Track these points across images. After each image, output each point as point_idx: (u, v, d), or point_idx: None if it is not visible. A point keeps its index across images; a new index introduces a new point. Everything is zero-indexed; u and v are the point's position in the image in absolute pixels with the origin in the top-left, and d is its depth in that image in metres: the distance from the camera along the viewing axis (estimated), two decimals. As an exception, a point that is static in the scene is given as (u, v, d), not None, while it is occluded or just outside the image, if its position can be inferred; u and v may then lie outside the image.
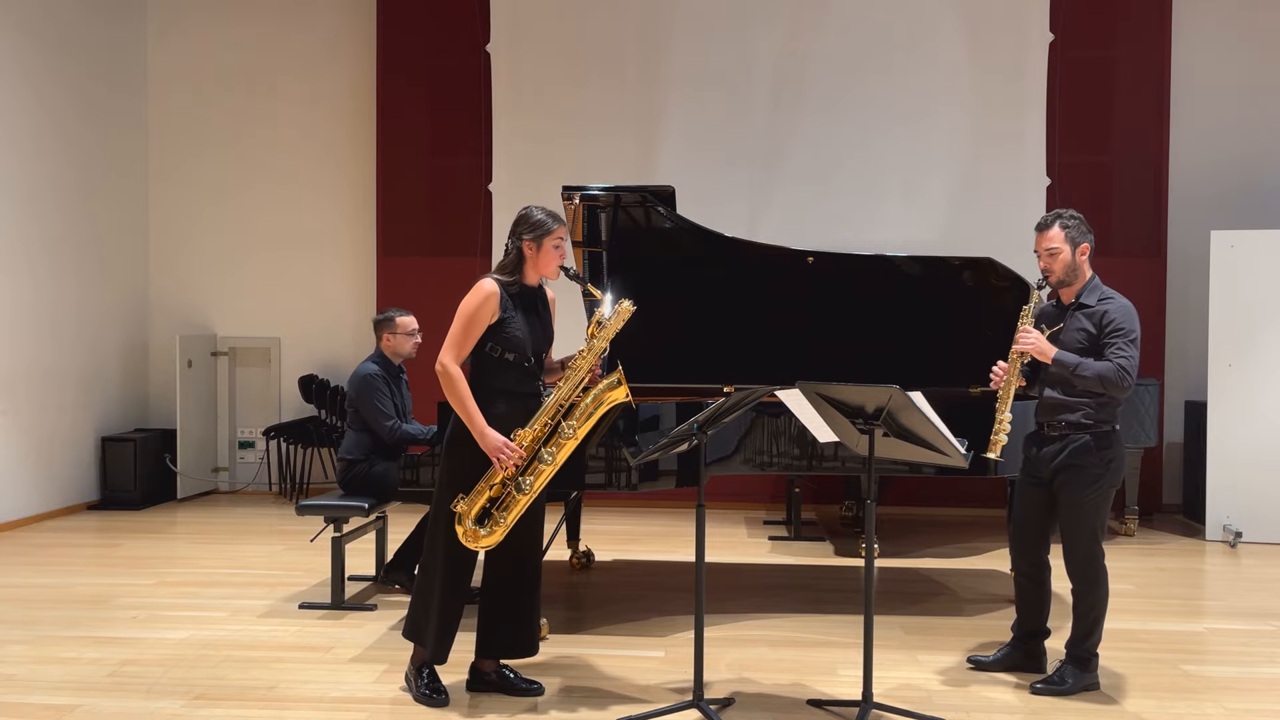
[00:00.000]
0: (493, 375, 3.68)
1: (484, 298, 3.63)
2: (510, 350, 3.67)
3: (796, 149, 7.63)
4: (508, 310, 3.66)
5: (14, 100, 6.93)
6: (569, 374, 3.66)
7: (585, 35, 7.75)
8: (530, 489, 3.58)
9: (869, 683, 3.54)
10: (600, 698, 3.77)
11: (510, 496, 3.59)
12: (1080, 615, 3.82)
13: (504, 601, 3.77)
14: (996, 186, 7.48)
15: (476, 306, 3.63)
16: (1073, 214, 3.83)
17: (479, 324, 3.63)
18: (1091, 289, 3.82)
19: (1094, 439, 3.73)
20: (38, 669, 4.07)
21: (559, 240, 3.72)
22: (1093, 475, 3.73)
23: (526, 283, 3.74)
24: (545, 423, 3.62)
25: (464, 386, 3.59)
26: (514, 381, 3.70)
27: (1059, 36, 7.46)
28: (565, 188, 4.96)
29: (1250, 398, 6.54)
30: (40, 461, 7.14)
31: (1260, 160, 7.51)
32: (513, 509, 3.59)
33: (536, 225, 3.70)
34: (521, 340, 3.67)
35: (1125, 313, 3.73)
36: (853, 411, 3.50)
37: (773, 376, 4.36)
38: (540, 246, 3.70)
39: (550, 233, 3.69)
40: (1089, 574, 3.77)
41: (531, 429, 3.61)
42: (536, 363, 3.75)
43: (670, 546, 6.39)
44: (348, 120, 8.21)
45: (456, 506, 3.60)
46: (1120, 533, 6.84)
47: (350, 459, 5.13)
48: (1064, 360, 3.68)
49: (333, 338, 8.20)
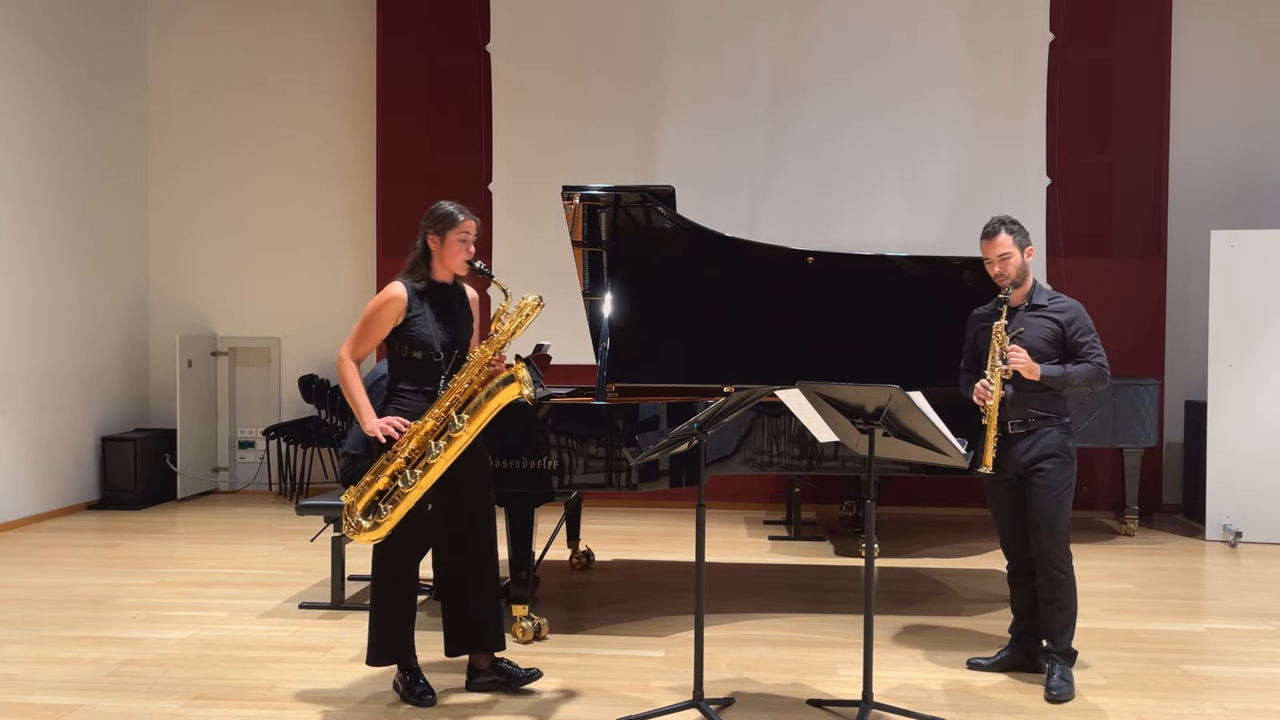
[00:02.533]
0: (405, 374, 3.69)
1: (385, 301, 3.64)
2: (416, 348, 3.65)
3: (796, 149, 7.63)
4: (414, 309, 3.65)
5: (14, 100, 6.93)
6: (464, 368, 3.61)
7: (585, 34, 7.76)
8: (418, 481, 3.52)
9: (869, 683, 3.53)
10: (600, 698, 3.77)
11: (398, 490, 3.54)
12: (1060, 607, 3.83)
13: (456, 599, 3.77)
14: (996, 186, 7.47)
15: (376, 309, 3.64)
16: (1013, 220, 3.97)
17: (378, 325, 3.64)
18: (1039, 290, 3.99)
19: (1059, 431, 3.85)
20: (38, 669, 4.07)
21: (464, 234, 3.67)
22: (1062, 465, 3.83)
23: (436, 279, 3.72)
24: (438, 415, 3.56)
25: (353, 377, 3.62)
26: (425, 380, 3.67)
27: (1059, 36, 7.46)
28: (565, 188, 4.96)
29: (1250, 398, 6.54)
30: (40, 461, 7.14)
31: (1260, 160, 7.51)
32: (400, 503, 3.52)
33: (441, 219, 3.67)
34: (427, 337, 3.65)
35: (1084, 313, 3.93)
36: (853, 411, 3.50)
37: (773, 376, 4.36)
38: (444, 240, 3.67)
39: (454, 226, 3.66)
40: (1063, 565, 3.82)
41: (422, 422, 3.56)
42: (446, 358, 3.68)
43: (670, 546, 6.39)
44: (348, 119, 8.21)
45: (343, 498, 3.59)
46: (1120, 533, 6.84)
47: (354, 454, 5.11)
48: (1051, 374, 3.80)
49: (333, 337, 8.18)
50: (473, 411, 3.55)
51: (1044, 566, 3.84)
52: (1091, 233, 7.54)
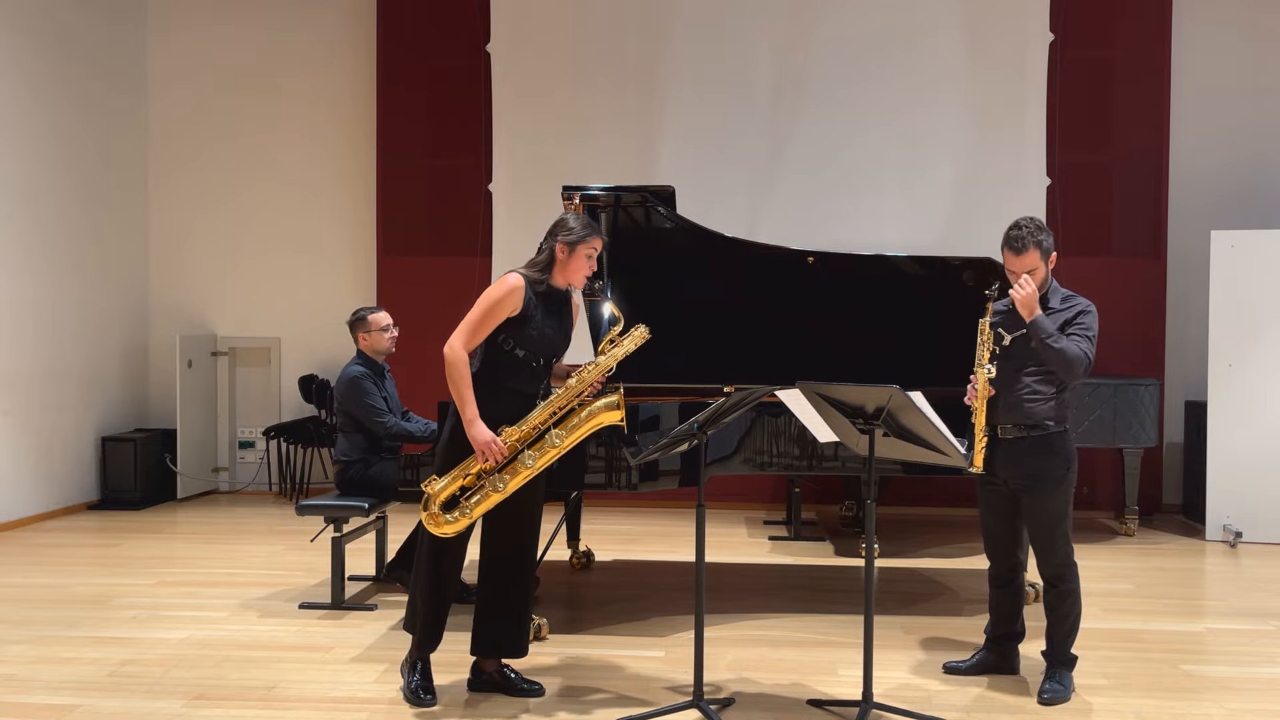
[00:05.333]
0: (500, 369, 3.67)
1: (508, 290, 3.62)
2: (523, 347, 3.66)
3: (796, 149, 7.63)
4: (530, 308, 3.65)
5: (13, 100, 6.93)
6: (571, 384, 3.64)
7: (585, 35, 7.75)
8: (504, 488, 3.56)
9: (869, 683, 3.53)
10: (600, 698, 3.77)
11: (482, 490, 3.57)
12: (1062, 617, 3.79)
13: (497, 600, 3.76)
14: (996, 186, 7.47)
15: (500, 298, 3.62)
16: (1038, 225, 3.75)
17: (497, 315, 3.62)
18: (1054, 291, 3.82)
19: (1049, 440, 3.73)
20: (38, 669, 4.07)
21: (593, 250, 3.71)
22: (1057, 477, 3.73)
23: (553, 284, 3.74)
24: (535, 426, 3.60)
25: (465, 372, 3.57)
26: (519, 380, 3.69)
27: (1059, 36, 7.46)
28: (565, 188, 4.96)
29: (1250, 398, 6.54)
30: (40, 461, 7.14)
31: (1260, 160, 7.51)
32: (482, 503, 3.56)
33: (573, 231, 3.69)
34: (536, 340, 3.67)
35: (1093, 314, 3.77)
36: (853, 411, 3.50)
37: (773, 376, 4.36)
38: (573, 252, 3.69)
39: (585, 241, 3.69)
40: (1068, 576, 3.77)
41: (519, 429, 3.59)
42: (545, 365, 3.74)
43: (670, 546, 6.39)
44: (348, 120, 8.21)
45: (426, 485, 3.59)
46: (1120, 533, 6.84)
47: (346, 460, 5.13)
48: (1041, 324, 3.65)
49: (333, 337, 8.18)
50: (570, 429, 3.60)
51: (1046, 580, 3.80)
52: (1091, 233, 7.53)
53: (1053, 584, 3.79)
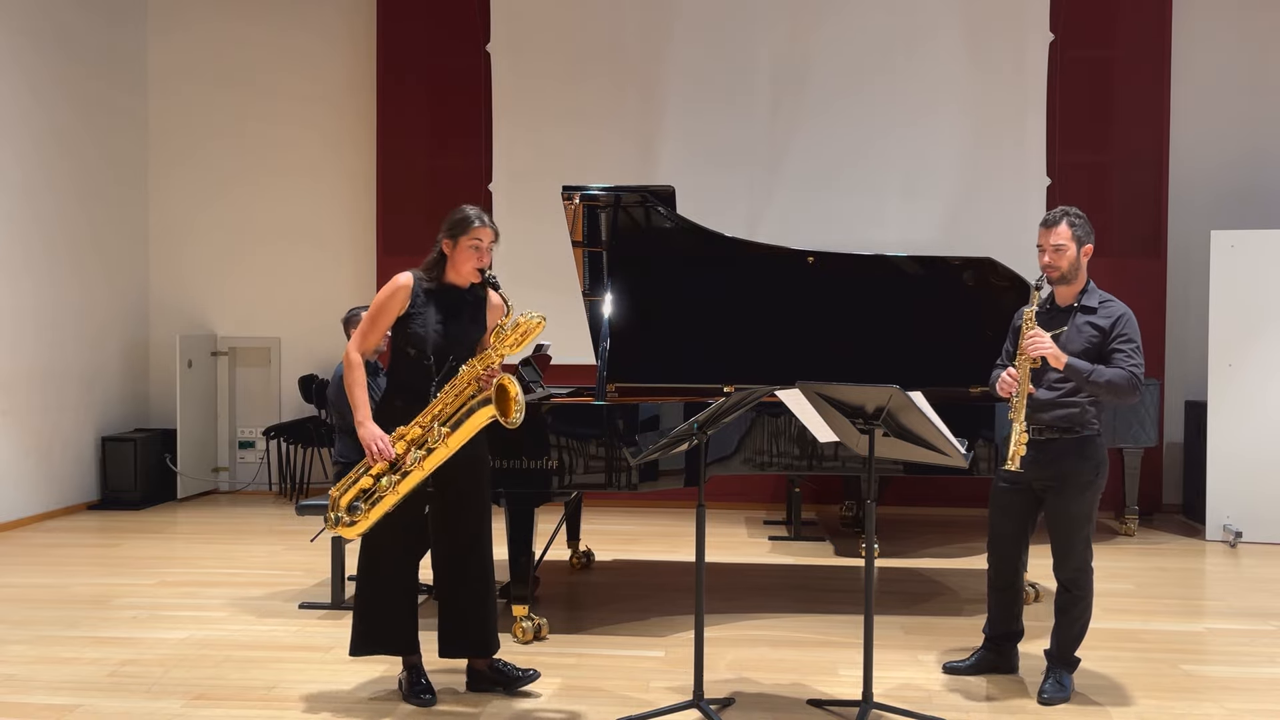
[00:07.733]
0: (397, 369, 3.70)
1: (393, 289, 3.64)
2: (412, 346, 3.64)
3: (797, 148, 7.62)
4: (417, 305, 3.64)
5: (13, 100, 6.93)
6: (454, 380, 3.57)
7: (586, 35, 7.75)
8: (395, 489, 3.52)
9: (869, 683, 3.54)
10: (600, 698, 3.77)
11: (378, 492, 3.55)
12: (1072, 620, 3.78)
13: (447, 601, 3.77)
14: (996, 186, 7.48)
15: (385, 298, 3.65)
16: (1078, 213, 3.76)
17: (386, 313, 3.64)
18: (1091, 291, 3.79)
19: (1081, 443, 3.69)
20: (38, 669, 4.07)
21: (476, 241, 3.64)
22: (1085, 481, 3.69)
23: (448, 281, 3.70)
24: (422, 424, 3.55)
25: (358, 375, 3.61)
26: (412, 378, 3.66)
27: (1059, 36, 7.46)
28: (565, 188, 4.96)
29: (1250, 398, 6.54)
30: (40, 461, 7.14)
31: (1260, 160, 7.51)
32: (378, 505, 3.54)
33: (456, 224, 3.67)
34: (422, 337, 3.63)
35: (1132, 320, 3.73)
36: (853, 411, 3.50)
37: (773, 376, 4.36)
38: (456, 244, 3.65)
39: (467, 232, 3.64)
40: (1083, 581, 3.75)
41: (409, 426, 3.55)
42: (438, 361, 3.64)
43: (670, 546, 6.39)
44: (348, 119, 8.21)
45: (331, 491, 3.61)
46: (1120, 533, 6.84)
47: (345, 461, 5.12)
48: (1077, 367, 3.60)
49: (333, 337, 8.17)
50: (454, 426, 3.53)
51: (1061, 583, 3.78)
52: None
53: (1067, 588, 3.77)
